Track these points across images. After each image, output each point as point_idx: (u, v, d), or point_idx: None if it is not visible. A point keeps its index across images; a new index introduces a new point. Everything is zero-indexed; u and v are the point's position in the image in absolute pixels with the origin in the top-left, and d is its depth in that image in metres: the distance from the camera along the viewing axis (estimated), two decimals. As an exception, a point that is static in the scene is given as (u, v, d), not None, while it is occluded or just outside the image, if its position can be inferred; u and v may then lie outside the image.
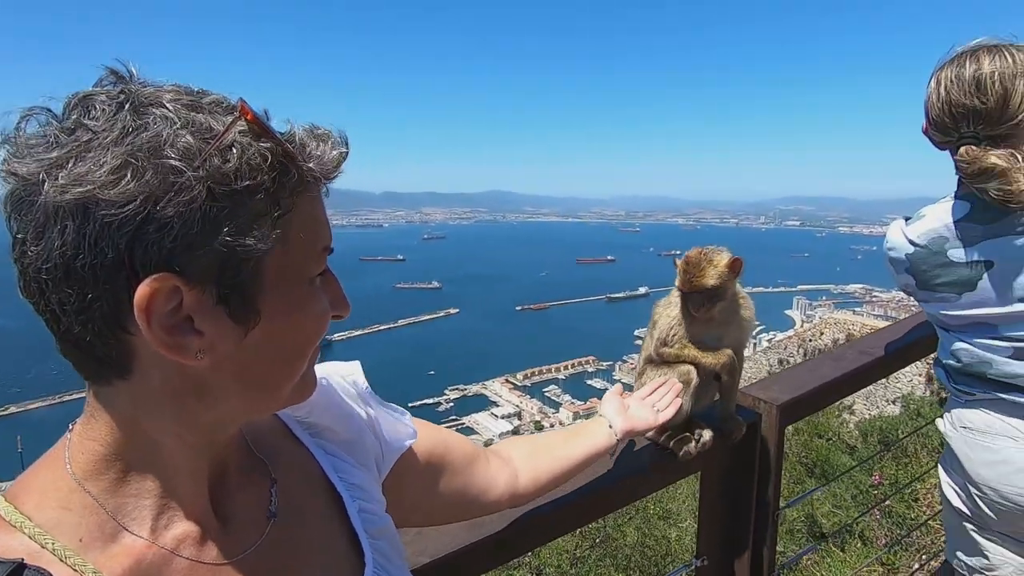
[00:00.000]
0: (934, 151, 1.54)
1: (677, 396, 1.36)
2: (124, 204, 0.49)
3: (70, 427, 0.62)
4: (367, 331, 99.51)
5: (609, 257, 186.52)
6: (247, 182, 0.53)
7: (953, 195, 1.50)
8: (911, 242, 1.54)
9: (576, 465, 1.16)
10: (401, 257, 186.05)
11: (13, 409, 65.41)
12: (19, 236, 0.52)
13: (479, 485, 1.01)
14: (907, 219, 1.61)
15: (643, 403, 1.32)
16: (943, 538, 3.15)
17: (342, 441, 0.82)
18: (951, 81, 1.44)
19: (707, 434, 1.48)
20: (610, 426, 1.22)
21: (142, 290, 0.51)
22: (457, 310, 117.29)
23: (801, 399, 1.73)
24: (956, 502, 1.63)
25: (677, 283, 1.39)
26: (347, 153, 0.62)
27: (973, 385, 1.54)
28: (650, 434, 1.48)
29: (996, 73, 1.38)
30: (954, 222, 1.47)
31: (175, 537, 0.62)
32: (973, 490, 1.56)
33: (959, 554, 1.66)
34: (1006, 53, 1.41)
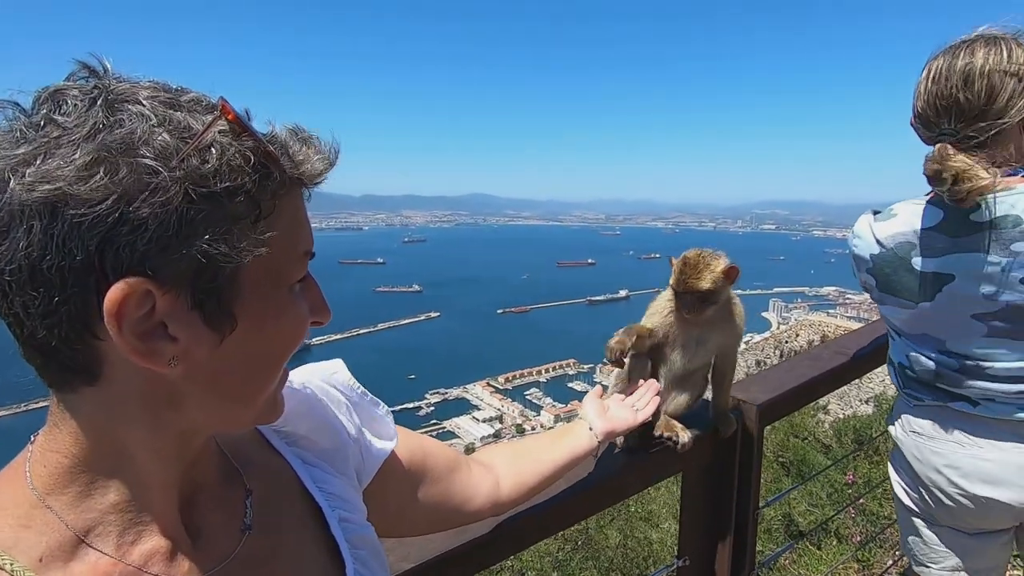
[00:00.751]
0: (906, 156, 1.51)
1: (656, 395, 1.37)
2: (95, 203, 0.47)
3: (32, 438, 0.59)
4: (347, 335, 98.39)
5: (590, 260, 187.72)
6: (227, 183, 0.51)
7: (927, 198, 1.44)
8: (878, 242, 1.48)
9: (559, 469, 1.16)
10: (381, 260, 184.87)
11: (-25, 418, 63.16)
12: None
13: (461, 493, 1.00)
14: (875, 213, 1.53)
15: (623, 404, 1.33)
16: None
17: (321, 450, 0.80)
18: (941, 72, 1.35)
19: (686, 435, 1.49)
20: (591, 428, 1.22)
21: (113, 293, 0.49)
22: (438, 313, 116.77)
23: (780, 399, 1.75)
24: (906, 500, 1.66)
25: (672, 281, 1.38)
26: (335, 158, 0.60)
27: (923, 392, 1.53)
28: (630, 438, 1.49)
29: (987, 68, 1.29)
30: (922, 229, 1.41)
31: (143, 553, 0.59)
32: (922, 489, 1.59)
33: (910, 547, 1.71)
34: (1003, 47, 1.31)
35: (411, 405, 68.81)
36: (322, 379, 0.83)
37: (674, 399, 1.50)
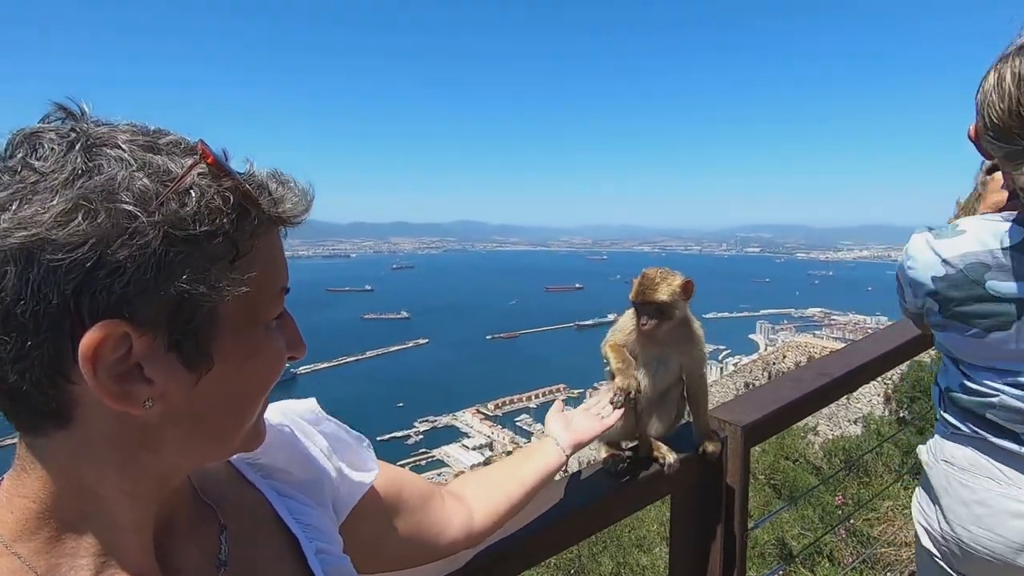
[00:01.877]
0: (888, 181, 1.44)
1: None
2: (72, 248, 0.46)
3: None
4: (334, 363, 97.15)
5: (577, 285, 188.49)
6: (205, 227, 0.51)
7: (1007, 216, 1.28)
8: (944, 261, 1.32)
9: (531, 490, 1.15)
10: (369, 287, 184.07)
11: (-53, 455, 60.78)
12: None
13: (436, 525, 0.98)
14: (931, 230, 1.39)
15: (587, 414, 1.34)
16: (907, 554, 3.23)
17: (298, 481, 0.79)
18: (1022, 74, 1.13)
19: (672, 456, 1.50)
20: (557, 443, 1.22)
21: (89, 337, 0.48)
22: (426, 340, 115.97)
23: (764, 420, 1.77)
24: (924, 539, 1.53)
25: (631, 295, 1.42)
26: (311, 200, 0.61)
27: (965, 420, 1.42)
28: (605, 456, 1.50)
29: None
30: (1002, 249, 1.26)
31: None
32: (945, 526, 1.46)
33: None
34: None
35: (400, 434, 67.66)
36: (297, 415, 0.83)
37: (654, 422, 1.52)
